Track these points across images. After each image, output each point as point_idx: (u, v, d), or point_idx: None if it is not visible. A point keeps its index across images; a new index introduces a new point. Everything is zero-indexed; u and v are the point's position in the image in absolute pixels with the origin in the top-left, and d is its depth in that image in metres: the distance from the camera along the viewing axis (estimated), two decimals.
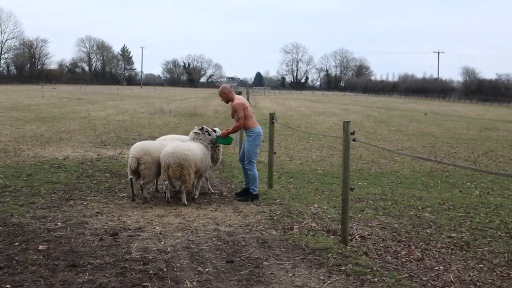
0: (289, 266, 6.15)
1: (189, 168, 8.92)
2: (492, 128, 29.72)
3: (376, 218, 8.49)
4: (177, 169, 8.86)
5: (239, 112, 9.54)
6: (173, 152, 8.90)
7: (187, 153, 8.95)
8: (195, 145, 9.41)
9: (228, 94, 9.81)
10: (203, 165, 9.40)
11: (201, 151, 9.38)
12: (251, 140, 9.66)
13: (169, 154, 8.92)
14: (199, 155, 9.23)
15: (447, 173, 13.51)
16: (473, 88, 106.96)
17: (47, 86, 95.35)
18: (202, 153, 9.34)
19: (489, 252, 6.92)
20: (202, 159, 9.28)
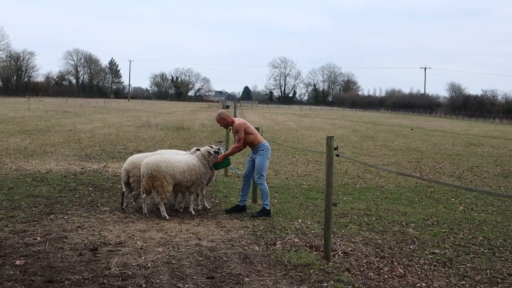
0: (271, 282, 6.08)
1: (162, 180, 8.90)
2: (477, 144, 29.88)
3: (359, 234, 8.45)
4: (149, 180, 8.91)
5: (241, 132, 9.53)
6: (146, 163, 8.99)
7: (160, 164, 8.94)
8: (182, 159, 9.34)
9: (226, 119, 9.85)
10: (186, 180, 9.26)
11: (187, 165, 9.27)
12: (263, 153, 9.64)
13: (143, 165, 9.04)
14: (181, 168, 9.15)
15: (432, 188, 13.52)
16: (459, 103, 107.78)
17: (34, 99, 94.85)
18: (186, 167, 9.23)
19: (472, 268, 6.90)
20: (183, 173, 9.18)
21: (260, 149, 9.67)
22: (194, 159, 9.47)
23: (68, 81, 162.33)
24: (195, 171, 9.35)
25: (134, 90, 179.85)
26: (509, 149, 27.52)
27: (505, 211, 10.84)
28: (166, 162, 9.03)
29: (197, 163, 9.44)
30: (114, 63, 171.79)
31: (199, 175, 9.43)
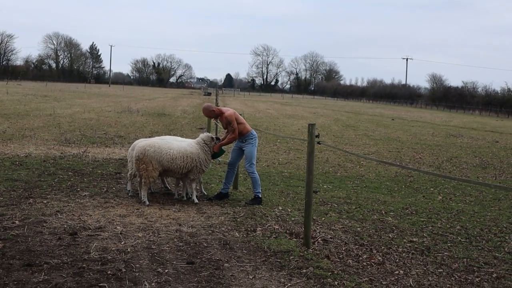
0: (250, 268, 6.11)
1: (148, 164, 8.90)
2: (456, 135, 30.21)
3: (339, 222, 8.51)
4: (137, 162, 8.99)
5: (233, 123, 9.48)
6: (137, 146, 9.11)
7: (147, 148, 8.94)
8: (176, 146, 9.19)
9: (215, 111, 9.75)
10: (177, 167, 9.09)
11: (180, 153, 9.09)
12: (252, 142, 9.67)
13: (136, 148, 9.18)
14: (171, 155, 9.02)
15: (411, 178, 13.66)
16: (439, 95, 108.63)
17: (12, 82, 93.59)
18: (178, 155, 9.06)
19: (449, 257, 7.00)
20: (174, 160, 9.03)
21: (249, 138, 9.69)
22: (194, 147, 9.32)
23: (48, 65, 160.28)
24: (191, 159, 9.19)
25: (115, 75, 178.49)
26: (487, 140, 27.85)
27: (483, 201, 10.99)
28: (155, 148, 8.98)
29: (196, 150, 9.28)
30: (95, 47, 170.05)
31: (197, 163, 9.26)
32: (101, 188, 10.02)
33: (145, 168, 8.92)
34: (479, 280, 6.16)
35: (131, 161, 9.49)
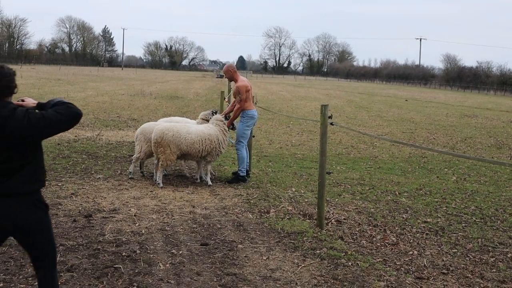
0: (264, 249, 6.13)
1: (165, 147, 8.90)
2: (471, 115, 29.96)
3: (353, 203, 8.50)
4: (155, 146, 9.01)
5: (242, 94, 9.57)
6: (156, 129, 9.09)
7: (166, 132, 8.93)
8: (195, 130, 9.17)
9: (233, 73, 9.91)
10: (196, 150, 9.08)
11: (198, 136, 9.07)
12: (243, 121, 9.71)
13: (154, 130, 9.14)
14: (191, 139, 8.99)
15: (425, 159, 13.58)
16: (453, 75, 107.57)
17: (26, 66, 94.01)
18: (197, 138, 9.03)
19: (463, 237, 6.97)
20: (193, 144, 9.00)
21: (242, 116, 9.73)
22: (212, 129, 9.28)
23: (61, 49, 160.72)
24: (210, 141, 9.16)
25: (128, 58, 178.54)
26: (502, 120, 27.61)
27: (497, 182, 10.92)
28: (174, 131, 8.96)
29: (214, 132, 9.25)
30: (108, 31, 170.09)
31: (217, 145, 9.25)
32: (115, 170, 10.08)
33: (163, 151, 8.92)
34: (494, 260, 6.13)
35: (139, 144, 9.52)
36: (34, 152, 3.64)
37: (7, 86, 3.51)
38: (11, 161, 3.51)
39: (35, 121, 3.45)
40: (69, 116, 3.56)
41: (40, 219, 3.70)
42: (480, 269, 5.84)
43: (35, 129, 3.46)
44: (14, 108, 3.48)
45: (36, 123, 3.45)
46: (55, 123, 3.51)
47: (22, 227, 3.61)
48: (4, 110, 3.43)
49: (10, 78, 3.55)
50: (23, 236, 3.68)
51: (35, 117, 3.46)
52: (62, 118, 3.53)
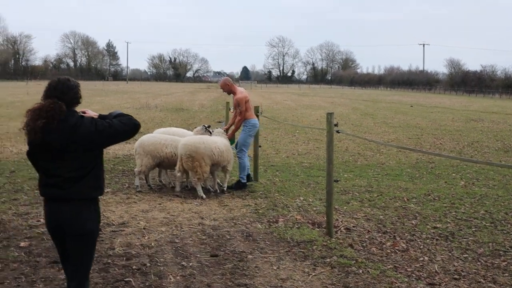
0: (274, 259, 6.12)
1: (200, 160, 8.99)
2: (477, 119, 29.87)
3: (361, 210, 8.48)
4: (188, 160, 9.02)
5: (242, 106, 9.77)
6: (185, 144, 9.11)
7: (198, 145, 9.05)
8: (218, 139, 9.49)
9: (230, 86, 10.11)
10: (224, 159, 9.41)
11: (224, 145, 9.47)
12: (246, 130, 9.91)
13: (182, 146, 9.14)
14: (220, 149, 9.28)
15: (433, 164, 13.54)
16: (458, 79, 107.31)
17: (32, 82, 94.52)
18: (224, 148, 9.41)
19: (474, 242, 6.94)
20: (222, 153, 9.31)
21: (244, 125, 9.94)
22: (225, 139, 9.68)
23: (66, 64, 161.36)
24: (231, 151, 9.61)
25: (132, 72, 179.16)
26: (509, 124, 27.51)
27: (506, 185, 10.87)
28: (205, 143, 9.13)
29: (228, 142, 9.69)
30: (112, 45, 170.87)
31: (232, 154, 9.69)
32: (123, 184, 10.10)
33: (198, 165, 9.00)
34: (506, 264, 6.10)
35: (139, 157, 9.51)
36: (98, 160, 3.92)
37: (74, 97, 3.90)
38: (80, 169, 3.78)
39: (102, 128, 3.76)
40: (130, 127, 3.90)
41: (94, 228, 3.94)
42: (492, 273, 5.81)
43: (102, 136, 3.77)
44: (82, 116, 3.82)
45: (102, 130, 3.76)
46: (119, 132, 3.85)
47: (78, 232, 3.84)
48: (73, 118, 3.75)
49: (76, 89, 3.96)
50: (75, 241, 3.88)
51: (102, 124, 3.78)
52: (125, 128, 3.87)
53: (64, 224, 3.82)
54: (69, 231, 3.83)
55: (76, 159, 3.76)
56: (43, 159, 3.79)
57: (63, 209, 3.80)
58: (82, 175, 3.79)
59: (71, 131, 3.71)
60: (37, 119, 3.68)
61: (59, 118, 3.71)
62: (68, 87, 3.89)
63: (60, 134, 3.70)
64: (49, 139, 3.70)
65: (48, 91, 3.85)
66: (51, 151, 3.73)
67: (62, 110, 3.74)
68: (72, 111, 3.84)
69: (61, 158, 3.74)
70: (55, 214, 3.83)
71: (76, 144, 3.72)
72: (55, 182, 3.77)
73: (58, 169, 3.75)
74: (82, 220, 3.83)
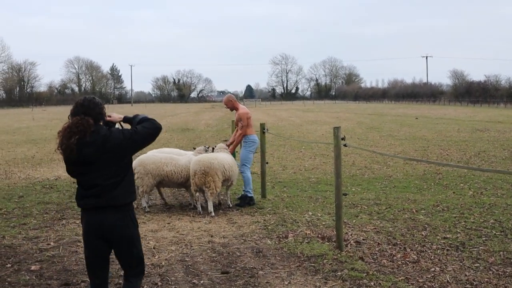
0: (285, 274, 6.12)
1: (214, 176, 9.16)
2: (483, 129, 29.81)
3: (370, 223, 8.47)
4: (202, 176, 9.16)
5: (244, 121, 10.09)
6: (199, 161, 9.28)
7: (212, 161, 9.24)
8: (227, 156, 9.81)
9: (234, 102, 10.42)
10: (234, 174, 9.69)
11: (233, 161, 9.80)
12: (246, 146, 10.15)
13: (196, 162, 9.29)
14: (229, 164, 9.55)
15: (440, 175, 13.51)
16: (462, 90, 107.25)
17: (37, 109, 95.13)
18: (233, 163, 9.70)
19: (485, 251, 6.91)
20: (231, 168, 9.58)
21: (244, 141, 10.20)
22: (230, 155, 9.94)
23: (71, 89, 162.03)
24: (237, 166, 9.87)
25: (137, 94, 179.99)
26: None
27: None
28: (218, 160, 9.37)
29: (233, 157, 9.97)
30: (116, 68, 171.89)
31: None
32: None
33: (212, 180, 9.16)
34: None
35: (140, 177, 9.56)
36: (129, 166, 4.25)
37: (99, 112, 4.19)
38: (114, 176, 4.09)
39: (129, 136, 4.10)
40: (154, 130, 4.22)
41: (134, 230, 4.26)
42: (505, 282, 5.79)
43: (130, 143, 4.10)
44: (109, 128, 4.15)
45: (130, 137, 4.10)
46: (144, 137, 4.18)
47: (121, 237, 4.16)
48: (102, 130, 4.08)
49: (101, 106, 4.25)
50: (121, 246, 4.19)
51: (129, 132, 4.13)
52: (150, 132, 4.20)
53: (106, 231, 4.10)
54: (112, 237, 4.13)
55: (111, 168, 4.07)
56: (81, 172, 4.10)
57: (103, 217, 4.09)
58: (118, 182, 4.10)
59: (103, 142, 4.02)
60: (70, 137, 3.99)
61: (90, 132, 4.01)
62: (94, 103, 4.18)
63: (93, 147, 4.01)
64: (84, 153, 4.01)
65: (75, 108, 4.15)
66: (87, 164, 4.04)
67: (90, 124, 4.04)
68: (99, 125, 4.13)
69: (97, 169, 4.05)
70: (96, 223, 4.10)
71: (109, 154, 4.04)
72: (93, 193, 4.07)
73: (95, 179, 4.05)
74: (123, 225, 4.14)
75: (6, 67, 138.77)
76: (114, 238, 4.14)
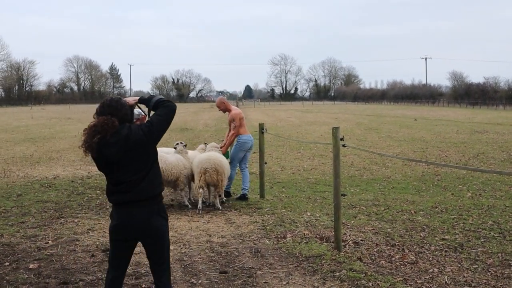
0: (283, 274, 6.11)
1: (222, 175, 9.43)
2: (481, 131, 29.82)
3: (369, 224, 8.47)
4: (214, 174, 9.37)
5: (237, 121, 10.41)
6: (209, 159, 9.47)
7: (221, 159, 9.57)
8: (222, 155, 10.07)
9: (226, 104, 10.76)
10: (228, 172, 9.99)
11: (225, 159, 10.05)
12: (237, 145, 10.54)
13: (206, 160, 9.46)
14: (228, 163, 9.92)
15: (439, 176, 13.52)
16: (461, 92, 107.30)
17: (36, 107, 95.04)
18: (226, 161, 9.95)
19: (483, 252, 6.91)
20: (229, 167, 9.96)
21: (237, 141, 10.57)
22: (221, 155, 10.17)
23: (70, 88, 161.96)
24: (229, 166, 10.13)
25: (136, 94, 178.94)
26: None
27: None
28: (223, 158, 9.77)
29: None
30: (115, 68, 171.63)
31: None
32: None
33: (221, 179, 9.44)
34: None
35: None
36: (154, 159, 4.29)
37: (125, 113, 4.24)
38: (141, 170, 4.15)
39: (147, 130, 4.14)
40: (168, 115, 4.26)
41: (165, 223, 4.31)
42: (503, 283, 5.79)
43: (150, 135, 4.14)
44: (130, 126, 4.16)
45: (148, 130, 4.14)
46: (161, 125, 4.21)
47: (152, 231, 4.20)
48: (124, 130, 4.12)
49: (127, 107, 4.29)
50: (151, 240, 4.24)
51: (146, 126, 4.17)
52: (165, 119, 4.24)
53: (135, 225, 4.16)
54: (142, 230, 4.18)
55: (135, 164, 4.14)
56: (108, 170, 4.18)
57: (133, 211, 4.15)
58: (144, 175, 4.16)
59: (125, 141, 4.08)
60: (94, 136, 4.05)
61: (112, 132, 4.06)
62: (121, 104, 4.24)
63: (115, 147, 4.07)
64: (106, 152, 4.08)
65: (101, 108, 4.21)
66: (112, 162, 4.11)
67: (115, 125, 4.10)
68: (123, 124, 4.17)
69: (122, 167, 4.12)
70: (126, 217, 4.17)
71: (132, 152, 4.10)
72: (121, 188, 4.14)
73: (121, 176, 4.13)
74: (152, 217, 4.19)
75: (5, 65, 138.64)
76: (142, 232, 4.19)
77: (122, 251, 4.31)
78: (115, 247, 4.30)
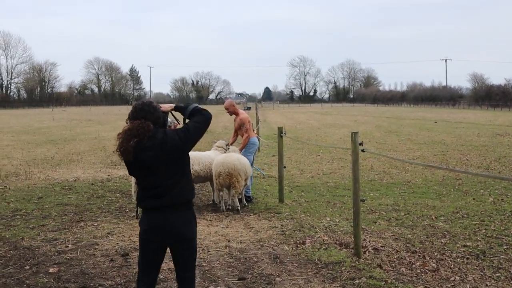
0: (302, 281, 6.07)
1: (237, 176, 9.58)
2: (503, 134, 29.42)
3: (389, 229, 8.38)
4: (227, 177, 9.57)
5: (246, 124, 10.64)
6: (223, 163, 9.66)
7: (235, 163, 9.62)
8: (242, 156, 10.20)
9: (235, 108, 11.06)
10: (249, 173, 10.13)
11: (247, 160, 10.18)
12: (246, 148, 10.80)
13: (220, 164, 9.68)
14: (248, 164, 10.09)
15: (460, 181, 13.35)
16: (482, 94, 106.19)
17: (57, 109, 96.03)
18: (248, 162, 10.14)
19: (506, 260, 6.80)
20: (249, 168, 10.11)
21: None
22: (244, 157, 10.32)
23: (91, 90, 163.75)
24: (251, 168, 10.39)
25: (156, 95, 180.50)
26: None
27: None
28: (239, 161, 9.80)
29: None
30: (135, 69, 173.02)
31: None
32: None
33: (236, 180, 9.60)
34: None
35: None
36: (187, 164, 4.32)
37: (157, 116, 4.27)
38: (175, 175, 4.17)
39: (183, 135, 4.18)
40: (205, 124, 4.30)
41: (194, 230, 4.32)
42: None
43: (185, 141, 4.17)
44: (164, 131, 4.21)
45: (184, 136, 4.17)
46: (196, 133, 4.24)
47: (183, 237, 4.22)
48: (159, 134, 4.15)
49: (159, 110, 4.31)
50: (182, 246, 4.25)
51: (182, 131, 4.22)
52: (201, 126, 4.29)
53: (167, 230, 4.16)
54: (172, 236, 4.18)
55: (169, 169, 4.15)
56: (141, 175, 4.19)
57: (165, 216, 4.16)
58: (178, 180, 4.17)
59: (161, 145, 4.10)
60: (130, 140, 4.05)
61: (148, 136, 4.08)
62: (154, 108, 4.26)
63: (152, 152, 4.08)
64: (142, 157, 4.08)
65: (134, 112, 4.22)
66: (147, 166, 4.12)
67: (150, 128, 4.12)
68: (156, 129, 4.19)
69: (156, 171, 4.13)
70: (157, 222, 4.16)
71: (167, 156, 4.12)
72: (154, 193, 4.15)
73: (155, 181, 4.14)
74: (184, 223, 4.21)
75: (27, 67, 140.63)
76: (174, 237, 4.18)
77: (153, 257, 4.30)
78: (147, 253, 4.28)
